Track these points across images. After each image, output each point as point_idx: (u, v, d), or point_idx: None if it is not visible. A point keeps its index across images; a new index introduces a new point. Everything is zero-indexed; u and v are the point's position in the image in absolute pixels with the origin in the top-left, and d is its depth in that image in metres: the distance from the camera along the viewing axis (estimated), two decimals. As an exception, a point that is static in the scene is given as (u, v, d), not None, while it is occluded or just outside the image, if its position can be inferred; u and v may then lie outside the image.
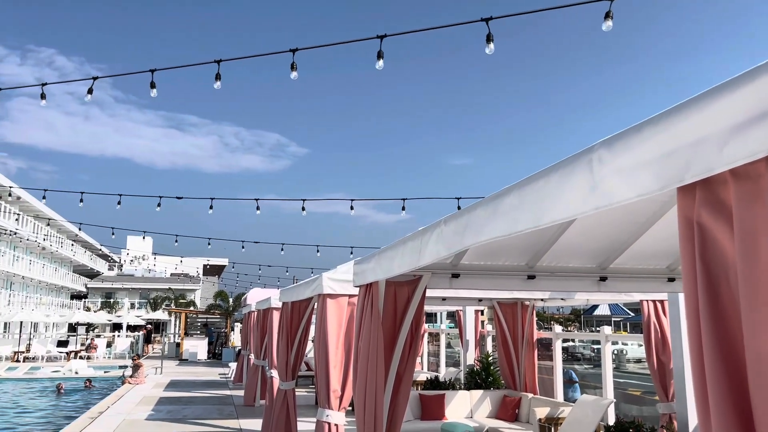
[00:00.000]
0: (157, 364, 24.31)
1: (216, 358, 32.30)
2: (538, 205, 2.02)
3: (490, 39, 5.57)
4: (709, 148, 1.48)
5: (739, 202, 1.46)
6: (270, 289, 19.56)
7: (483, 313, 14.55)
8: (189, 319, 36.50)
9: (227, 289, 43.95)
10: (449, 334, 19.99)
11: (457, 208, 10.72)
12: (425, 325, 16.54)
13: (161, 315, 49.50)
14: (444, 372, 15.53)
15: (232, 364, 22.44)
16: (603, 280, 5.22)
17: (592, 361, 33.27)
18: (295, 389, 9.19)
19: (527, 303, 9.87)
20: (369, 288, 4.70)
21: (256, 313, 15.03)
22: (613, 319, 59.22)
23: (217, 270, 66.33)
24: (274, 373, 10.77)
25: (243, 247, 19.71)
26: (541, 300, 9.71)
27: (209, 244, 19.86)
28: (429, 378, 12.36)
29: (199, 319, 38.69)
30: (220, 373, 23.37)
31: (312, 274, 11.69)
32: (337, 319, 6.40)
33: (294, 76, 5.95)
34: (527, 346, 9.85)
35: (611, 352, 9.25)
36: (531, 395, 9.38)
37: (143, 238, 25.89)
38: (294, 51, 5.83)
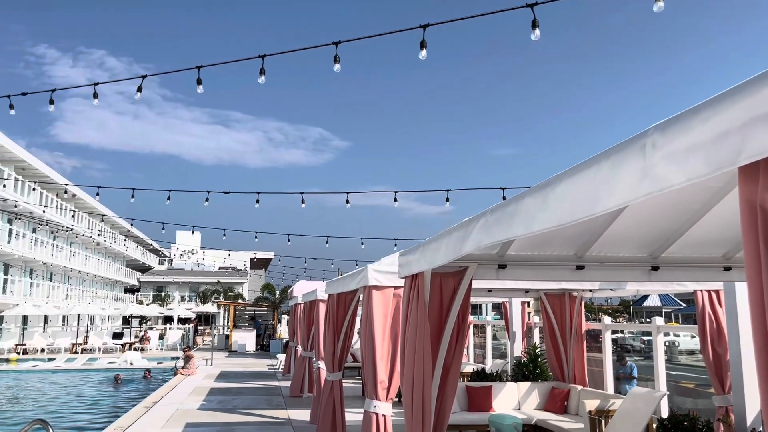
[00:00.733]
0: (207, 356, 24.90)
1: (264, 350, 32.88)
2: (590, 193, 1.97)
3: (535, 25, 5.48)
4: (763, 128, 1.43)
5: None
6: (315, 282, 19.80)
7: (529, 305, 14.39)
8: (237, 312, 37.23)
9: (274, 281, 44.63)
10: (495, 326, 19.83)
11: (502, 198, 10.60)
12: (471, 317, 16.45)
13: (210, 308, 50.60)
14: (490, 364, 15.43)
15: (280, 356, 22.80)
16: (655, 269, 5.09)
17: (643, 353, 32.55)
18: (342, 380, 9.28)
19: (575, 294, 9.70)
20: (414, 279, 4.70)
21: (302, 305, 15.22)
22: (663, 310, 57.69)
23: (264, 263, 67.42)
24: (322, 364, 10.90)
25: (289, 240, 19.96)
26: (590, 291, 9.53)
27: (256, 238, 20.19)
28: (475, 370, 12.32)
29: (247, 312, 39.42)
30: (268, 365, 23.78)
31: (356, 267, 11.76)
32: (382, 310, 6.43)
33: (337, 68, 5.97)
34: (575, 338, 9.69)
35: (663, 344, 9.01)
36: (580, 387, 9.23)
37: (192, 232, 26.48)
38: (337, 44, 5.85)
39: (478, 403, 9.14)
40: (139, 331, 39.45)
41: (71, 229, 41.81)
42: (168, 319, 47.98)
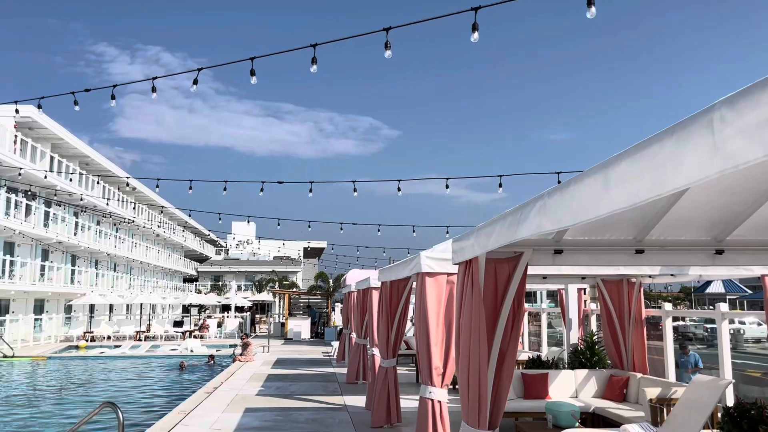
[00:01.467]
0: (264, 343, 25.46)
1: (318, 338, 33.36)
2: (656, 173, 1.90)
3: (591, 2, 5.32)
4: None
5: None
6: (368, 270, 19.91)
7: (585, 291, 14.12)
8: (292, 300, 37.87)
9: (327, 270, 45.17)
10: (550, 313, 19.56)
11: (557, 183, 10.38)
12: (525, 305, 16.26)
13: (266, 296, 51.67)
14: (546, 351, 15.24)
15: (335, 343, 23.09)
16: (719, 253, 4.90)
17: (706, 341, 31.51)
18: (396, 367, 9.34)
19: (633, 280, 9.45)
20: (469, 265, 4.67)
21: (355, 293, 15.36)
22: (727, 296, 55.55)
23: (317, 252, 68.28)
24: (376, 351, 10.99)
25: (341, 228, 20.15)
26: (649, 277, 9.26)
27: (309, 227, 20.48)
28: (531, 357, 12.18)
29: (302, 300, 40.05)
30: (323, 352, 24.13)
31: (408, 255, 11.78)
32: (436, 297, 6.42)
33: (388, 54, 5.95)
34: (635, 325, 9.45)
35: (728, 331, 8.69)
36: (640, 375, 9.01)
37: (248, 222, 27.05)
38: (387, 30, 5.83)
39: (534, 391, 9.05)
40: (199, 319, 40.64)
41: (132, 221, 43.33)
42: (225, 308, 49.24)
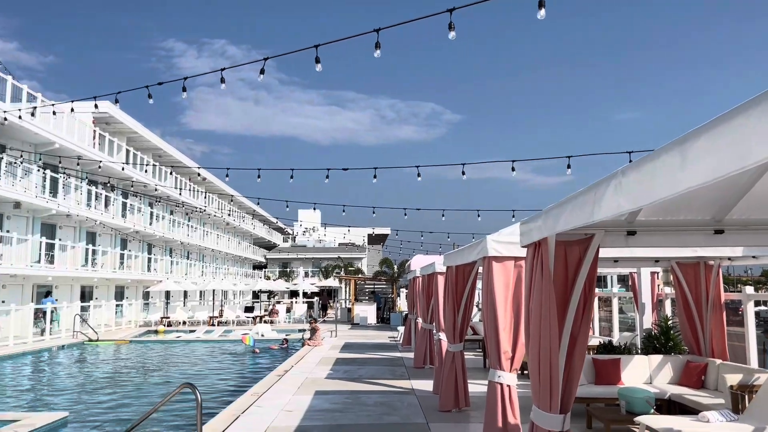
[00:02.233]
0: (332, 328, 25.93)
1: (384, 323, 33.68)
2: (739, 146, 1.81)
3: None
4: None
5: None
6: (432, 256, 19.92)
7: (659, 275, 13.63)
8: (357, 286, 38.33)
9: (391, 256, 45.41)
10: (621, 298, 19.02)
11: (629, 162, 10.04)
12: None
13: (332, 282, 52.48)
14: (617, 337, 14.85)
15: (401, 328, 23.25)
16: (808, 232, 4.63)
17: (791, 327, 29.86)
18: (463, 351, 9.33)
19: (711, 262, 9.05)
20: (538, 248, 4.60)
21: (421, 279, 15.38)
22: (815, 280, 52.37)
23: (381, 239, 68.72)
24: (442, 336, 11.00)
25: (405, 214, 20.19)
26: (728, 259, 8.85)
27: (374, 213, 20.63)
28: (602, 342, 11.91)
29: (367, 286, 40.47)
30: (389, 337, 24.35)
31: (473, 240, 11.66)
32: (503, 281, 6.36)
33: (452, 36, 5.89)
34: (713, 310, 9.07)
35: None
36: (719, 361, 8.66)
37: (314, 209, 27.57)
38: (451, 11, 5.77)
39: (605, 376, 8.84)
40: (268, 304, 41.74)
41: (203, 210, 44.82)
42: (293, 294, 50.38)
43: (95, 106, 12.73)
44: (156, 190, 36.00)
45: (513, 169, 12.99)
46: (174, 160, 40.93)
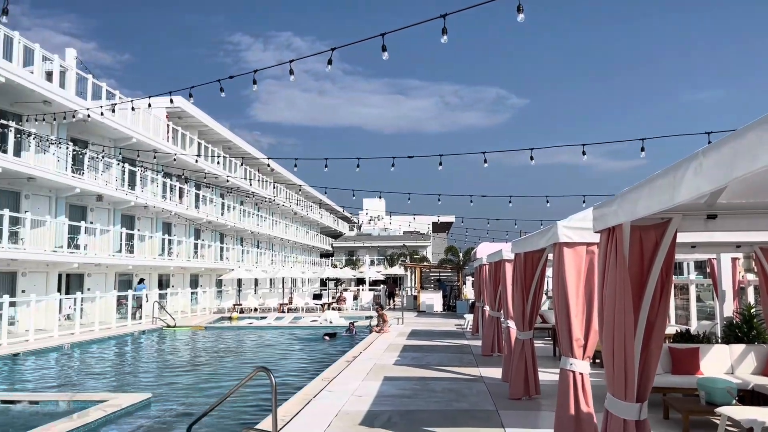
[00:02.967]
0: (398, 315, 26.12)
1: (450, 310, 33.63)
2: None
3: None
4: None
5: None
6: (498, 243, 19.69)
7: (740, 262, 13.02)
8: (423, 274, 38.40)
9: (456, 244, 45.21)
10: (698, 285, 18.27)
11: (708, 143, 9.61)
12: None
13: (398, 270, 52.77)
14: (695, 325, 14.31)
15: (467, 316, 23.17)
16: None
17: None
18: (532, 339, 9.23)
19: (799, 248, 8.57)
20: (612, 233, 4.49)
21: (487, 266, 15.27)
22: None
23: (446, 227, 68.47)
24: (511, 323, 10.90)
25: (471, 201, 20.05)
26: (818, 244, 8.36)
27: (439, 200, 20.59)
28: (679, 331, 11.51)
29: (432, 274, 40.47)
30: (456, 324, 24.32)
31: (541, 227, 11.46)
32: (575, 267, 6.24)
33: (521, 18, 5.79)
34: (801, 297, 8.59)
35: None
36: (808, 352, 8.22)
37: (380, 197, 27.81)
38: (520, -7, 5.67)
39: (683, 366, 8.56)
40: (336, 292, 42.42)
41: (272, 201, 45.88)
42: (360, 281, 50.98)
43: (170, 101, 13.24)
44: (227, 182, 37.14)
45: (584, 153, 12.66)
46: (243, 151, 42.07)
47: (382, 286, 44.09)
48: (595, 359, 11.45)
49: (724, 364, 8.71)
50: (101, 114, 21.35)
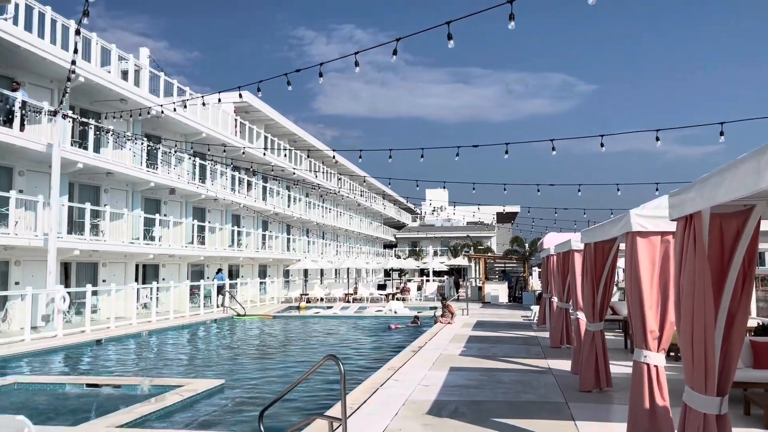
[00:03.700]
0: (463, 306, 26.01)
1: (516, 302, 33.22)
2: None
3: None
4: None
5: None
6: (566, 233, 19.24)
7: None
8: (487, 265, 38.04)
9: (522, 235, 44.51)
10: (782, 276, 17.36)
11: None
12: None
13: (461, 261, 52.46)
14: (778, 319, 13.60)
15: (534, 307, 22.83)
16: None
17: None
18: (603, 331, 9.01)
19: None
20: (689, 221, 4.32)
21: (555, 257, 14.99)
22: None
23: (510, 217, 67.48)
24: (580, 314, 10.68)
25: (538, 190, 19.69)
26: None
27: (505, 190, 20.32)
28: (761, 324, 10.99)
29: (497, 265, 40.04)
30: (522, 316, 24.01)
31: (611, 216, 11.12)
32: (649, 257, 6.05)
33: (592, 1, 5.62)
34: None
35: None
36: None
37: (443, 187, 27.68)
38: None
39: (765, 360, 8.16)
40: (400, 282, 42.61)
41: (337, 192, 46.46)
42: (423, 272, 51.00)
43: (239, 96, 13.58)
44: (293, 174, 37.85)
45: (657, 139, 12.19)
46: (308, 144, 42.75)
47: (446, 277, 43.91)
48: (669, 352, 11.07)
49: (811, 359, 8.25)
50: (174, 110, 22.14)
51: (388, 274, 52.28)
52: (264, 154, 32.23)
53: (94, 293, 20.80)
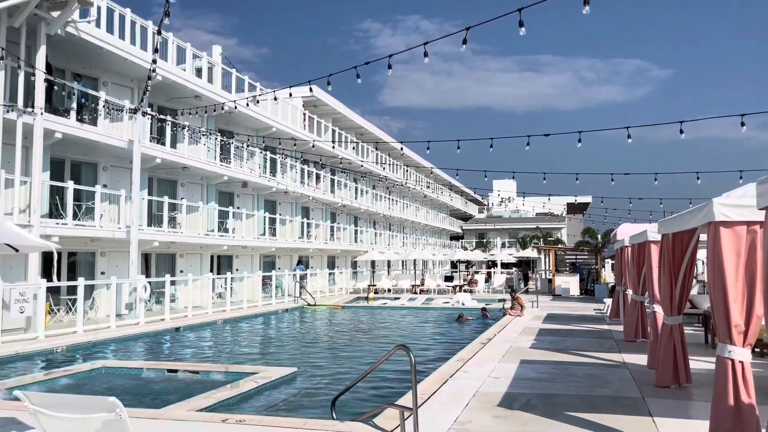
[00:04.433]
0: (532, 299, 25.59)
1: (588, 294, 32.39)
2: None
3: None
4: None
5: None
6: (641, 224, 18.58)
7: None
8: (557, 257, 37.23)
9: (594, 225, 43.31)
10: None
11: None
12: None
13: (530, 253, 51.58)
14: None
15: (607, 300, 22.21)
16: None
17: None
18: (681, 324, 8.68)
19: None
20: (779, 210, 4.11)
21: (630, 248, 14.51)
22: None
23: (581, 207, 65.79)
24: (657, 308, 10.32)
25: (612, 179, 19.12)
26: None
27: (577, 180, 19.85)
28: None
29: (567, 257, 39.12)
30: (594, 309, 23.41)
31: (690, 206, 10.67)
32: (733, 248, 5.78)
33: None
34: None
35: None
36: None
37: (512, 177, 27.29)
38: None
39: None
40: (467, 274, 42.34)
41: (403, 184, 46.57)
42: (491, 264, 50.46)
43: (309, 90, 13.83)
44: (361, 167, 38.20)
45: (743, 124, 11.58)
46: (375, 137, 42.99)
47: (515, 269, 43.29)
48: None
49: None
50: (246, 105, 22.75)
51: (454, 265, 52.04)
52: (333, 147, 32.67)
53: (173, 283, 21.71)
